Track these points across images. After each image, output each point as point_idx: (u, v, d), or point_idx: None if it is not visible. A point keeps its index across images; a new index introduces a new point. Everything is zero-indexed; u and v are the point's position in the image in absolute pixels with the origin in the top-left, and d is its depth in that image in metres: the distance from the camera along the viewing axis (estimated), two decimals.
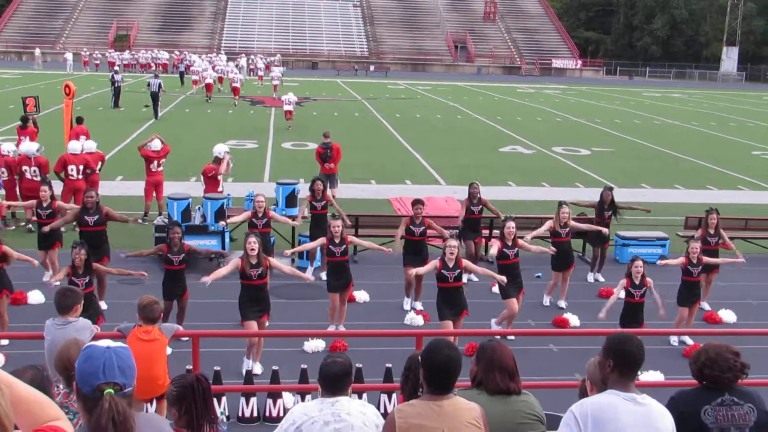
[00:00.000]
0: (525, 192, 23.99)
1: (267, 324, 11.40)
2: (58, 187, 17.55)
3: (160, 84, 38.19)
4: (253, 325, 11.04)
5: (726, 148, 35.37)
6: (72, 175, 17.73)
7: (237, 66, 60.54)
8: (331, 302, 12.56)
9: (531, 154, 31.79)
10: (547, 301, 14.26)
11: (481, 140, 34.73)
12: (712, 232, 14.04)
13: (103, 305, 13.04)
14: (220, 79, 55.34)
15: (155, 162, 18.74)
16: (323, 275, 13.96)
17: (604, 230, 14.83)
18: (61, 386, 5.72)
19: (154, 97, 38.14)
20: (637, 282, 11.61)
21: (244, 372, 10.72)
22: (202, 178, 17.94)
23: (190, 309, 12.35)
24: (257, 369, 11.04)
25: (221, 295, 13.89)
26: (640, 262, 11.67)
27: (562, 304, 14.11)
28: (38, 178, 17.28)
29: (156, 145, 18.90)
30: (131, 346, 4.59)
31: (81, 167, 17.84)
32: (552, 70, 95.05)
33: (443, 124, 40.50)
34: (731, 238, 17.64)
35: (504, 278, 11.80)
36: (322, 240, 12.72)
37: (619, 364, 4.49)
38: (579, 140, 35.60)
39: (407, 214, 14.45)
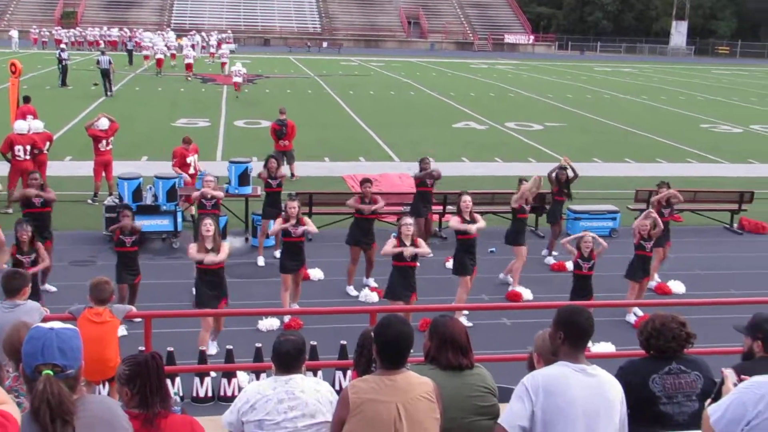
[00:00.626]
0: (478, 167, 24.10)
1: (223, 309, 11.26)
2: (5, 168, 17.28)
3: (109, 60, 37.93)
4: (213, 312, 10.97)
5: (675, 122, 35.83)
6: (19, 156, 17.38)
7: (191, 43, 60.02)
8: (283, 283, 12.30)
9: (484, 129, 31.91)
10: (502, 277, 14.26)
11: (435, 116, 34.77)
12: (664, 204, 14.23)
13: (51, 288, 12.89)
14: (173, 56, 54.93)
15: (104, 141, 18.46)
16: (277, 254, 13.89)
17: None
18: (10, 369, 5.65)
19: (105, 73, 37.82)
20: (585, 255, 11.74)
21: (213, 351, 10.76)
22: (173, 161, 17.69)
23: (142, 289, 12.22)
24: (212, 349, 10.99)
25: (173, 276, 13.82)
26: (589, 237, 11.80)
27: (509, 279, 14.17)
28: None
29: (103, 123, 18.59)
30: (82, 329, 4.55)
31: (28, 147, 17.50)
32: (504, 46, 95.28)
33: (397, 100, 40.47)
34: (680, 211, 17.98)
35: (426, 251, 11.50)
36: (279, 221, 12.53)
37: (570, 336, 4.55)
38: (531, 115, 35.81)
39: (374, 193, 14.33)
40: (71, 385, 3.30)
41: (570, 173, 15.73)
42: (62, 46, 43.82)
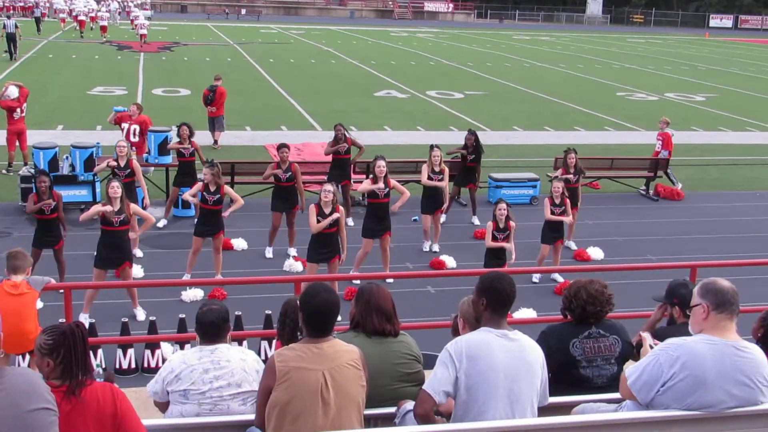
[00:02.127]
0: (401, 136, 24.16)
1: (129, 273, 11.14)
2: None
3: (15, 24, 37.72)
4: (100, 274, 10.86)
5: (592, 90, 36.45)
6: None
7: (106, 8, 59.04)
8: (193, 245, 12.28)
9: (406, 98, 31.97)
10: (426, 246, 14.40)
11: (356, 85, 34.69)
12: (572, 170, 14.47)
13: None
14: (93, 19, 54.02)
15: (17, 110, 17.95)
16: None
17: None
18: None
19: (11, 37, 37.45)
20: (501, 225, 11.84)
21: (141, 317, 10.74)
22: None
23: (75, 259, 11.94)
24: (140, 315, 10.88)
25: (93, 247, 13.54)
26: (503, 205, 11.87)
27: (436, 247, 14.33)
28: None
29: (13, 92, 18.05)
30: None
31: None
32: (424, 14, 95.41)
33: (318, 68, 40.22)
34: (598, 178, 18.37)
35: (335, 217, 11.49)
36: (198, 186, 12.44)
37: (492, 302, 4.62)
38: (452, 84, 35.99)
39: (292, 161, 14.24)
40: None
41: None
42: None
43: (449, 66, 43.72)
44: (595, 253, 14.37)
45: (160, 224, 14.84)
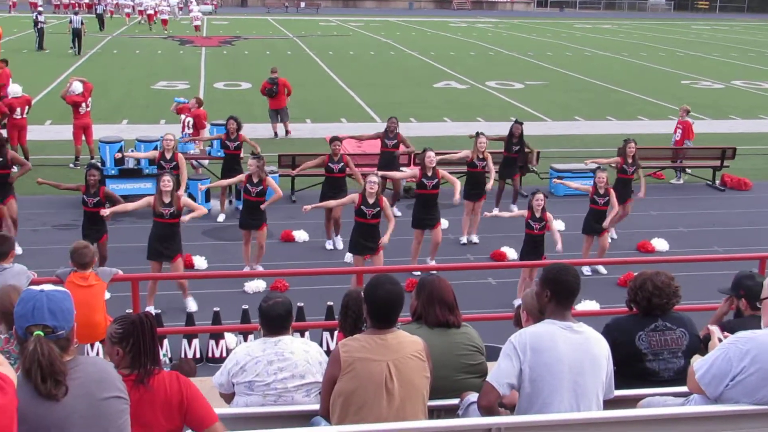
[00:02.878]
0: (460, 127, 24.04)
1: (180, 265, 11.30)
2: None
3: (81, 20, 38.79)
4: (155, 265, 11.06)
5: (656, 79, 35.84)
6: None
7: (167, 2, 60.11)
8: (243, 238, 12.47)
9: (465, 89, 31.82)
10: (464, 239, 14.26)
11: (415, 76, 34.62)
12: (630, 161, 14.24)
13: (18, 250, 12.81)
14: (155, 14, 55.47)
15: (83, 105, 18.29)
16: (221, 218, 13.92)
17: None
18: (2, 331, 5.67)
19: (77, 33, 38.47)
20: (537, 215, 11.72)
21: (194, 308, 10.86)
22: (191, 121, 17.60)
23: (125, 252, 12.18)
24: (192, 306, 11.04)
25: (142, 238, 13.77)
26: (540, 196, 11.71)
27: (475, 239, 14.22)
28: None
29: (77, 87, 18.40)
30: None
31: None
32: (483, 4, 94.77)
33: (377, 60, 40.24)
34: (661, 168, 18.08)
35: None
36: (240, 177, 12.58)
37: (557, 294, 4.58)
38: (512, 74, 35.71)
39: (344, 152, 14.34)
40: (63, 346, 3.32)
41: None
42: (38, 9, 43.29)
43: (509, 56, 43.39)
44: (660, 244, 14.15)
45: (220, 219, 15.02)
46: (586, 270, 12.83)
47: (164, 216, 10.90)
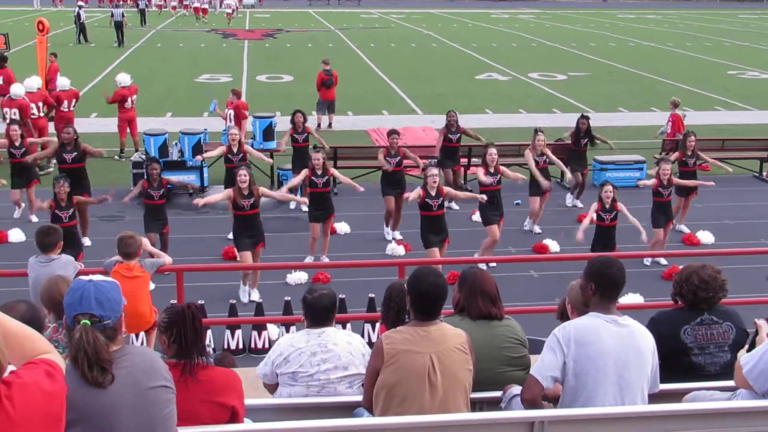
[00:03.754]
0: (502, 119, 23.96)
1: (259, 254, 11.53)
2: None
3: (122, 13, 40.11)
4: (247, 255, 11.26)
5: (702, 69, 35.34)
6: (33, 114, 17.52)
7: None
8: (312, 232, 12.64)
9: (507, 80, 31.66)
10: (528, 225, 14.38)
11: (457, 68, 34.50)
12: (689, 153, 14.09)
13: (86, 241, 13.05)
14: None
15: (129, 99, 18.53)
16: (304, 207, 13.97)
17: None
18: (51, 320, 5.77)
19: (118, 25, 39.68)
20: (607, 206, 11.66)
21: (245, 299, 11.08)
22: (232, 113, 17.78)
23: (173, 244, 12.35)
24: (255, 296, 11.20)
25: (203, 230, 13.93)
26: (609, 187, 11.70)
27: (537, 229, 14.23)
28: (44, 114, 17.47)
29: (125, 79, 18.65)
30: None
31: (40, 104, 17.69)
32: None
33: (418, 52, 40.16)
34: (707, 160, 17.79)
35: (484, 197, 11.93)
36: (305, 172, 12.71)
37: (601, 287, 4.54)
38: (555, 65, 35.44)
39: (385, 144, 14.41)
40: (109, 336, 3.36)
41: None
42: (80, 3, 43.80)
43: (552, 47, 43.05)
44: (705, 237, 13.97)
45: (292, 206, 15.34)
46: (646, 260, 12.74)
47: (245, 208, 11.15)
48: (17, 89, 17.61)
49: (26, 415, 2.36)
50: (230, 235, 12.67)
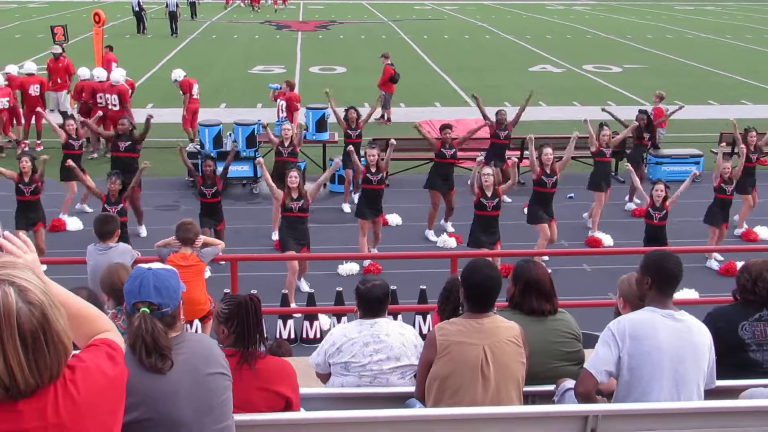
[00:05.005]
0: (555, 111, 23.76)
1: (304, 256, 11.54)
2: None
3: (177, 3, 40.58)
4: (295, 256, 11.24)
5: (761, 61, 34.63)
6: (101, 103, 17.81)
7: None
8: (360, 228, 12.53)
9: (561, 72, 31.38)
10: (590, 222, 14.17)
11: (510, 60, 34.28)
12: (752, 149, 13.83)
13: (143, 231, 13.27)
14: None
15: (195, 87, 18.72)
16: (356, 197, 13.99)
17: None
18: (110, 307, 5.88)
19: (172, 16, 40.52)
20: (658, 204, 11.48)
21: (305, 288, 11.08)
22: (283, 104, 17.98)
23: (226, 233, 12.46)
24: (304, 285, 11.28)
25: (255, 221, 14.05)
26: (661, 186, 11.52)
27: (590, 224, 14.10)
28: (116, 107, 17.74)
29: (179, 74, 18.87)
30: None
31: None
32: None
33: (471, 44, 39.96)
34: (766, 154, 17.46)
35: (515, 160, 11.93)
36: (360, 168, 12.68)
37: (658, 282, 4.50)
38: (610, 57, 35.03)
39: (438, 137, 14.39)
40: (168, 323, 3.43)
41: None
42: None
43: (607, 39, 42.53)
44: (764, 232, 13.72)
45: (347, 209, 15.20)
46: (714, 265, 12.51)
47: (293, 210, 11.05)
48: (117, 75, 17.99)
49: (90, 399, 2.40)
50: (275, 236, 12.79)
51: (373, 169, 12.39)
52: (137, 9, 41.91)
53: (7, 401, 2.28)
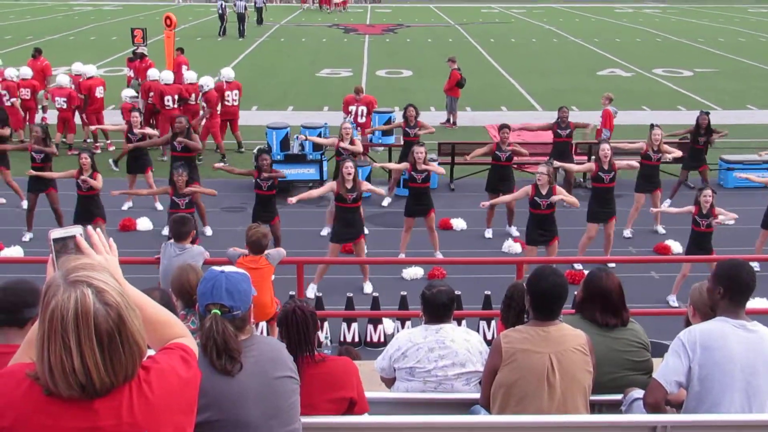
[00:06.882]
0: (625, 116, 23.39)
1: (364, 245, 11.64)
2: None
3: (245, 6, 41.61)
4: (335, 248, 11.40)
5: None
6: (168, 105, 18.10)
7: None
8: (405, 225, 12.62)
9: (630, 76, 30.93)
10: (628, 233, 13.90)
11: (578, 63, 33.92)
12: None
13: (208, 231, 13.45)
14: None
15: (232, 93, 18.71)
16: (385, 201, 14.06)
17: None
18: (179, 308, 5.98)
19: (240, 18, 41.48)
20: (704, 211, 11.21)
21: (311, 294, 10.88)
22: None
23: (290, 236, 12.59)
24: (368, 288, 11.38)
25: (321, 224, 14.12)
26: (708, 191, 11.23)
27: (661, 229, 13.91)
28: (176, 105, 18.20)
29: (229, 73, 19.06)
30: None
31: (176, 97, 18.20)
32: None
33: (539, 47, 39.67)
34: None
35: (575, 201, 11.58)
36: (405, 165, 12.77)
37: (730, 291, 4.41)
38: (681, 61, 34.43)
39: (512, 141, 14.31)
40: (238, 326, 3.48)
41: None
42: None
43: (677, 42, 41.81)
44: None
45: (385, 203, 15.26)
46: (755, 265, 12.28)
47: (347, 201, 11.29)
48: (204, 79, 18.33)
49: (163, 399, 2.45)
50: (323, 232, 12.90)
51: (420, 167, 12.43)
52: (221, 11, 42.76)
53: (84, 400, 2.35)
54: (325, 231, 13.30)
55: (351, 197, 11.27)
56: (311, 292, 10.97)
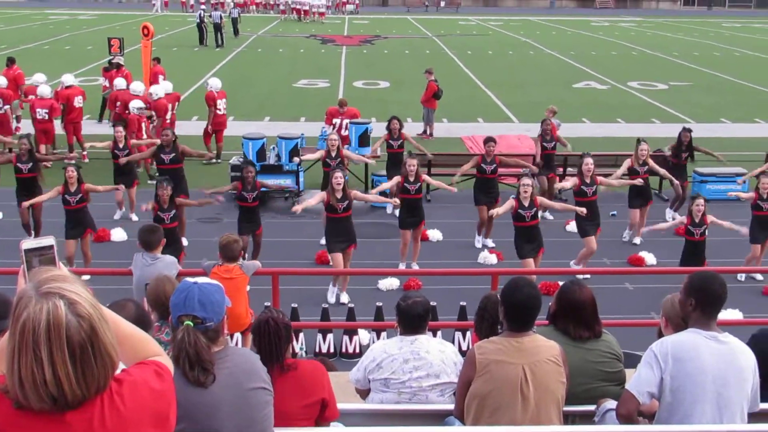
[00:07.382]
0: (599, 128, 23.61)
1: (350, 255, 11.70)
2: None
3: (221, 15, 42.58)
4: (338, 257, 11.41)
5: None
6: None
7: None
8: (402, 239, 12.73)
9: (606, 89, 31.19)
10: (627, 236, 14.23)
11: (555, 76, 34.13)
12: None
13: (184, 242, 13.39)
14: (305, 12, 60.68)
15: (221, 102, 18.89)
16: (397, 212, 14.04)
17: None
18: (154, 319, 5.95)
19: (217, 27, 42.03)
20: (697, 220, 11.34)
21: (332, 299, 11.17)
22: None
23: (267, 247, 12.58)
24: (344, 298, 11.37)
25: (297, 234, 14.12)
26: (701, 201, 11.38)
27: (637, 240, 14.01)
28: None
29: (216, 84, 19.10)
30: None
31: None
32: (627, 2, 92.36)
33: (516, 60, 39.89)
34: None
35: (584, 210, 11.75)
36: (397, 178, 12.81)
37: (702, 303, 4.45)
38: (655, 74, 34.73)
39: (480, 152, 14.41)
40: (211, 337, 3.47)
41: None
42: (203, 7, 45.40)
43: (653, 56, 42.19)
44: None
45: (389, 210, 15.45)
46: (740, 276, 12.43)
47: (338, 211, 11.40)
48: (158, 90, 18.39)
49: (135, 412, 2.44)
50: (323, 241, 12.84)
51: (412, 179, 12.55)
52: (199, 21, 42.86)
53: (55, 412, 2.33)
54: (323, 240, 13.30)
55: (341, 207, 11.38)
56: (345, 297, 11.37)
